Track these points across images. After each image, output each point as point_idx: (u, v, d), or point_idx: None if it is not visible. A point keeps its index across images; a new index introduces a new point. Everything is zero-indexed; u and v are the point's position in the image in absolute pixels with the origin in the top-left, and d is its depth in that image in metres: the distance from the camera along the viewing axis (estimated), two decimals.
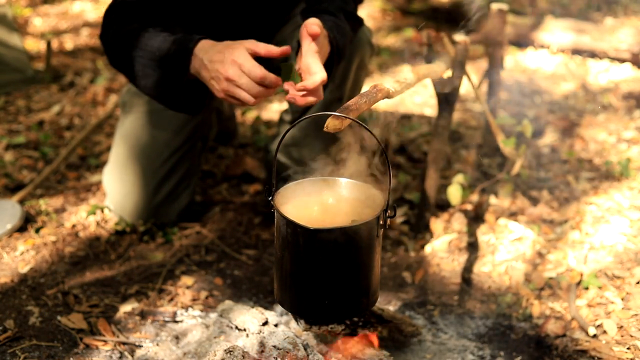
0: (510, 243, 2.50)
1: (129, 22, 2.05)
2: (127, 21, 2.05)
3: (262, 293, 2.27)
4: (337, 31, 1.96)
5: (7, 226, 2.47)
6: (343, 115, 1.48)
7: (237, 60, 1.80)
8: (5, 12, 4.02)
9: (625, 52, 4.17)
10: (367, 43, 2.31)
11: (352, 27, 2.09)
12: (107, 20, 2.09)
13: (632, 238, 2.49)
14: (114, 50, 2.09)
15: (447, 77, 2.32)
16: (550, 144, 3.26)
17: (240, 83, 1.81)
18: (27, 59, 3.89)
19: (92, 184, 2.84)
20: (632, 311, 2.12)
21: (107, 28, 2.09)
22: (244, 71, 1.80)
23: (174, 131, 2.42)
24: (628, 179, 2.91)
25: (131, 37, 2.01)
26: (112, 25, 2.07)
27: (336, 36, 1.94)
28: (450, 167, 3.01)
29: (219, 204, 2.74)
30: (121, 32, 2.04)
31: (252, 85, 1.81)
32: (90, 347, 1.98)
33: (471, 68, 4.06)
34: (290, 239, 1.55)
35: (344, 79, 2.28)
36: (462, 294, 2.28)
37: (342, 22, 2.01)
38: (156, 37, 1.98)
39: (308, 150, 2.50)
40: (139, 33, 2.00)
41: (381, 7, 5.36)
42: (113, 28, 2.06)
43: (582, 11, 5.18)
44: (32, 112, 3.53)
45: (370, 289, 1.62)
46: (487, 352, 1.99)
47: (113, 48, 2.08)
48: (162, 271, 2.33)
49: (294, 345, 1.70)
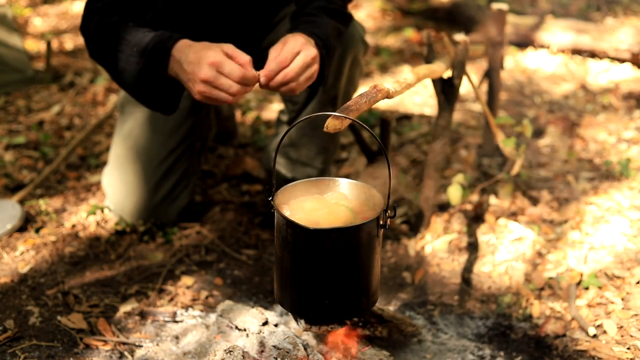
0: (510, 243, 2.50)
1: (110, 15, 2.00)
2: (108, 14, 2.00)
3: (262, 293, 2.27)
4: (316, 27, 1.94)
5: (7, 226, 2.48)
6: (343, 115, 1.48)
7: (215, 61, 1.78)
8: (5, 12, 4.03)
9: (625, 52, 4.17)
10: (360, 40, 2.31)
11: (341, 23, 2.08)
12: (87, 11, 2.04)
13: (632, 238, 2.49)
14: (93, 43, 2.04)
15: (447, 77, 2.32)
16: (550, 144, 3.26)
17: (218, 84, 1.79)
18: (27, 59, 3.89)
19: (92, 184, 2.84)
20: (632, 311, 2.12)
21: (88, 20, 2.04)
22: (224, 72, 1.78)
23: (170, 131, 2.42)
24: (628, 179, 2.91)
25: (111, 30, 1.97)
26: (93, 17, 2.02)
27: (315, 32, 1.93)
28: (450, 167, 3.01)
29: (219, 204, 2.74)
30: (101, 25, 1.99)
31: (230, 84, 1.79)
32: (90, 347, 1.98)
33: (471, 68, 4.06)
34: (290, 239, 1.55)
35: (338, 78, 2.28)
36: (462, 294, 2.28)
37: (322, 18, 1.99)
38: (136, 32, 1.93)
39: (305, 150, 2.50)
40: (119, 27, 1.96)
41: (381, 7, 5.36)
42: (94, 20, 2.01)
43: (582, 11, 5.18)
44: (32, 112, 3.53)
45: (370, 289, 1.62)
46: (487, 352, 1.99)
47: (93, 40, 2.04)
48: (162, 271, 2.33)
49: (294, 345, 1.70)
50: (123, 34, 1.94)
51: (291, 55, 1.84)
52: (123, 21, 1.98)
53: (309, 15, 2.00)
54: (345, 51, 2.23)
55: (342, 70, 2.27)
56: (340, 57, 2.22)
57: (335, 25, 2.03)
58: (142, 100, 2.03)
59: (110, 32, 1.96)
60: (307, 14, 2.01)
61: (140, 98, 2.02)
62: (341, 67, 2.26)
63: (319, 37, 1.92)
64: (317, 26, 1.95)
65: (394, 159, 3.07)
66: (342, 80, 2.31)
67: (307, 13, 2.01)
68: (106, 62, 2.02)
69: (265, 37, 2.38)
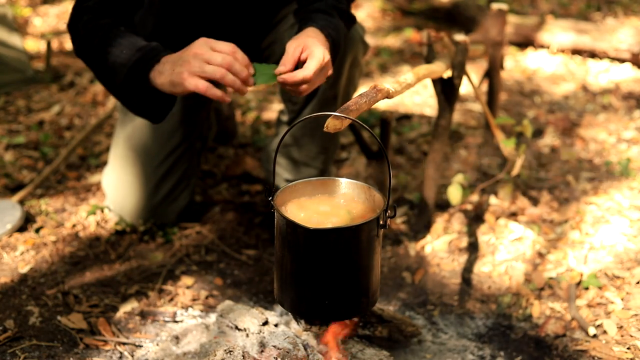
0: (510, 243, 2.50)
1: (100, 16, 1.95)
2: (99, 14, 1.96)
3: (262, 293, 2.27)
4: (331, 28, 1.95)
5: (7, 226, 2.48)
6: (343, 115, 1.48)
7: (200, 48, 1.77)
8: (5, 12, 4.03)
9: (625, 52, 4.17)
10: (360, 41, 2.31)
11: (345, 25, 2.08)
12: (77, 9, 1.99)
13: (632, 238, 2.49)
14: (80, 42, 1.99)
15: (447, 77, 2.32)
16: (550, 144, 3.26)
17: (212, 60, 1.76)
18: (27, 59, 3.89)
19: (92, 184, 2.84)
20: (632, 311, 2.12)
21: (77, 18, 1.98)
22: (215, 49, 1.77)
23: (170, 131, 2.42)
24: (628, 179, 2.91)
25: (99, 33, 1.92)
26: (82, 15, 1.97)
27: (331, 33, 1.93)
28: (450, 167, 3.01)
29: (219, 204, 2.74)
30: (91, 25, 1.94)
31: (223, 57, 1.77)
32: (90, 347, 1.98)
33: (471, 68, 4.06)
34: (290, 239, 1.55)
35: (338, 78, 2.28)
36: (462, 294, 2.28)
37: (336, 20, 2.00)
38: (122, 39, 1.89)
39: (305, 150, 2.50)
40: (110, 29, 1.92)
41: (381, 7, 5.36)
42: (83, 19, 1.96)
43: (582, 11, 5.18)
44: (32, 112, 3.53)
45: (370, 289, 1.62)
46: (487, 352, 1.99)
47: (80, 40, 1.99)
48: (162, 271, 2.33)
49: (294, 345, 1.70)
50: (113, 37, 1.90)
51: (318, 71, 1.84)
52: (114, 24, 1.94)
53: (326, 14, 1.99)
54: (345, 51, 2.23)
55: (341, 70, 2.27)
56: (340, 57, 2.22)
57: (344, 28, 2.04)
58: (129, 108, 1.98)
59: (98, 36, 1.92)
60: (323, 11, 2.00)
61: (128, 106, 1.97)
62: (341, 68, 2.26)
63: (333, 39, 1.94)
64: (334, 28, 1.96)
65: (394, 159, 3.07)
66: (342, 81, 2.31)
67: (323, 10, 2.00)
68: (92, 63, 1.98)
69: (265, 36, 2.38)
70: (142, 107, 1.95)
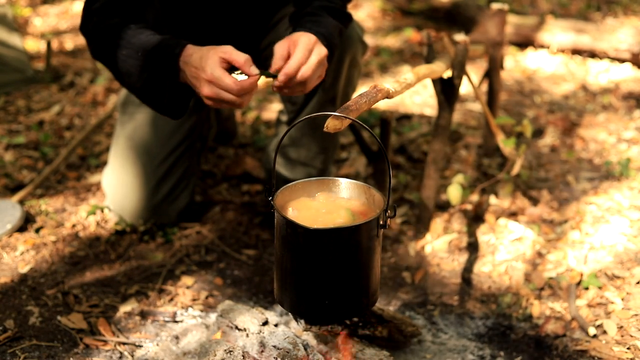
0: (510, 243, 2.50)
1: (110, 16, 1.97)
2: (108, 15, 1.98)
3: (262, 293, 2.27)
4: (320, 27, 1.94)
5: (7, 226, 2.48)
6: (343, 115, 1.48)
7: (212, 77, 1.78)
8: (5, 12, 4.03)
9: (625, 52, 4.17)
10: (359, 41, 2.31)
11: (341, 23, 2.08)
12: (86, 12, 2.01)
13: (632, 238, 2.49)
14: (94, 44, 2.01)
15: (447, 77, 2.32)
16: (550, 144, 3.26)
17: (222, 97, 1.80)
18: (27, 59, 3.89)
19: (92, 184, 2.84)
20: (632, 311, 2.12)
21: (87, 20, 2.01)
22: (222, 87, 1.79)
23: (170, 131, 2.42)
24: (628, 179, 2.91)
25: (112, 32, 1.94)
26: (92, 17, 1.99)
27: (320, 31, 1.92)
28: (450, 167, 3.02)
29: (219, 204, 2.74)
30: (102, 26, 1.97)
31: (232, 97, 1.80)
32: (90, 347, 1.98)
33: (471, 68, 4.06)
34: (290, 239, 1.55)
35: (337, 78, 2.28)
36: (462, 294, 2.28)
37: (325, 18, 1.99)
38: (139, 34, 1.91)
39: (305, 150, 2.50)
40: (120, 29, 1.93)
41: (381, 7, 5.37)
42: (93, 21, 1.99)
43: (582, 11, 5.18)
44: (32, 112, 3.53)
45: (370, 289, 1.62)
46: (487, 352, 1.99)
47: (93, 42, 2.01)
48: (162, 271, 2.33)
49: (294, 345, 1.70)
50: (126, 36, 1.92)
51: (307, 54, 1.84)
52: (124, 23, 1.95)
53: (313, 15, 1.99)
54: (344, 51, 2.23)
55: (340, 70, 2.27)
56: (338, 57, 2.21)
57: (337, 25, 2.03)
58: (149, 104, 2.00)
59: (111, 35, 1.94)
60: (310, 14, 2.00)
61: (149, 102, 2.00)
62: (340, 68, 2.26)
63: (324, 36, 1.92)
64: (322, 26, 1.95)
65: (394, 159, 3.07)
66: (341, 81, 2.31)
67: (311, 12, 2.00)
68: (109, 64, 2.00)
69: (264, 37, 2.38)
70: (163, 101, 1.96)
